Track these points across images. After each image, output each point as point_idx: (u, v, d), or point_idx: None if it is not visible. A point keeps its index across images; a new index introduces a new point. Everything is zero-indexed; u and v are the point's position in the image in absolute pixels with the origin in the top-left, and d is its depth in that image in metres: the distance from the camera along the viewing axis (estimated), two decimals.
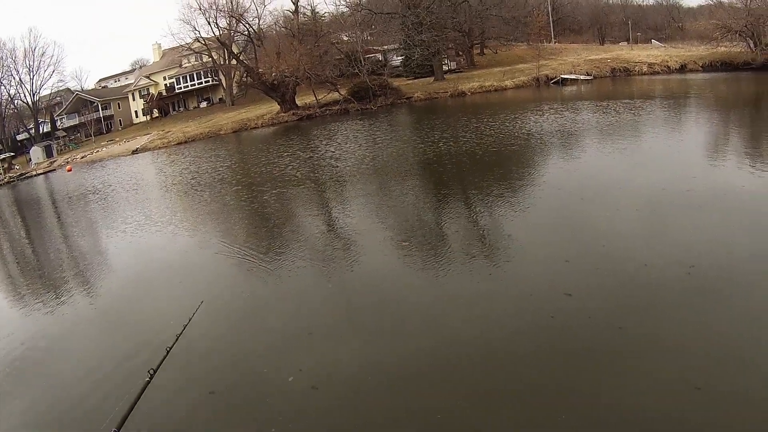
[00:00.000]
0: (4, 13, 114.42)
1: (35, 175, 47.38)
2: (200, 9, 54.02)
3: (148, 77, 73.91)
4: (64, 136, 69.78)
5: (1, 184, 45.12)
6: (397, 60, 58.90)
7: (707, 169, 13.04)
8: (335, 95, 45.17)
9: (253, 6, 67.48)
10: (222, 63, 63.00)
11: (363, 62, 46.63)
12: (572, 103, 28.55)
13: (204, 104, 70.32)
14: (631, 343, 5.71)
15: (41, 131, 71.41)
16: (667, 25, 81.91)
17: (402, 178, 15.93)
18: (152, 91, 72.43)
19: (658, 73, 45.26)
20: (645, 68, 46.04)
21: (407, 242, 9.91)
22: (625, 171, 13.38)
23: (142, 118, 71.89)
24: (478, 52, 64.63)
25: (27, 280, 12.16)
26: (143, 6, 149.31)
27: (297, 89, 47.84)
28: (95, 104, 72.80)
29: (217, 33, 55.81)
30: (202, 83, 70.30)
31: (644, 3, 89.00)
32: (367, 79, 44.79)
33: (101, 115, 72.04)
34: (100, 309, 9.13)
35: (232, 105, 63.55)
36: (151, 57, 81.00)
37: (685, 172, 12.54)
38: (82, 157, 51.24)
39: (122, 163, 40.21)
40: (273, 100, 48.92)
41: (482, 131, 21.72)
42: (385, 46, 59.13)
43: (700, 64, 48.70)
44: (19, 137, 72.41)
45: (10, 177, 48.11)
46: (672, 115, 21.97)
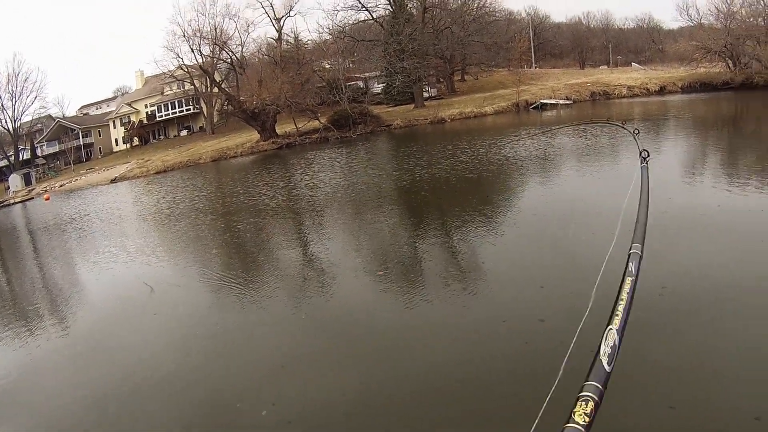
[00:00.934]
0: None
1: (13, 203, 46.63)
2: (185, 36, 54.41)
3: (130, 105, 73.80)
4: (43, 164, 69.03)
5: None
6: (378, 87, 59.52)
7: (684, 190, 13.22)
8: (315, 123, 45.41)
9: (237, 34, 68.21)
10: (204, 91, 63.21)
11: (344, 90, 47.04)
12: (550, 128, 29.06)
13: (185, 132, 70.22)
14: None
15: (21, 158, 70.57)
16: (648, 47, 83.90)
17: (377, 206, 15.97)
18: (133, 118, 72.23)
19: (638, 96, 46.07)
20: (624, 91, 46.87)
21: (382, 272, 9.86)
22: (601, 194, 13.51)
23: (123, 146, 71.52)
24: (459, 78, 65.59)
25: None
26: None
27: (277, 117, 48.03)
28: (76, 131, 72.31)
29: (200, 60, 56.13)
30: (183, 111, 70.33)
31: (625, 26, 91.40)
32: (348, 106, 45.15)
33: (81, 143, 71.50)
34: (70, 341, 8.90)
35: (212, 133, 63.56)
36: (134, 84, 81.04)
37: (662, 194, 12.70)
38: (61, 186, 50.66)
39: (101, 192, 39.80)
40: (253, 128, 49.00)
41: (459, 158, 21.98)
42: (367, 74, 59.78)
43: (680, 86, 49.57)
44: None
45: None
46: (650, 137, 22.41)
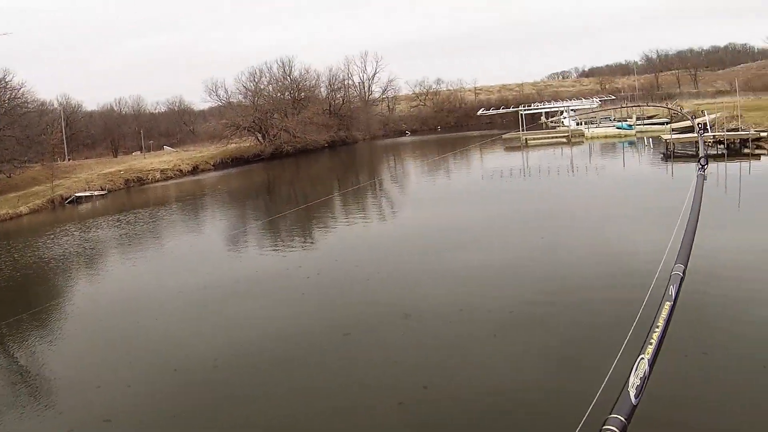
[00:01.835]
0: None
1: None
2: None
3: None
4: None
5: None
6: None
7: (228, 261, 15.23)
8: None
9: None
10: None
11: None
12: (86, 221, 30.55)
13: None
14: None
15: None
16: (179, 129, 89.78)
17: None
18: None
19: (172, 178, 49.67)
20: (158, 175, 49.75)
21: None
22: (155, 278, 14.82)
23: None
24: None
25: None
26: None
27: None
28: None
29: None
30: None
31: (156, 110, 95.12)
32: None
33: None
34: None
35: None
36: None
37: (202, 268, 14.54)
38: None
39: None
40: None
41: None
42: None
43: (212, 163, 55.22)
44: None
45: None
46: (188, 217, 24.58)
